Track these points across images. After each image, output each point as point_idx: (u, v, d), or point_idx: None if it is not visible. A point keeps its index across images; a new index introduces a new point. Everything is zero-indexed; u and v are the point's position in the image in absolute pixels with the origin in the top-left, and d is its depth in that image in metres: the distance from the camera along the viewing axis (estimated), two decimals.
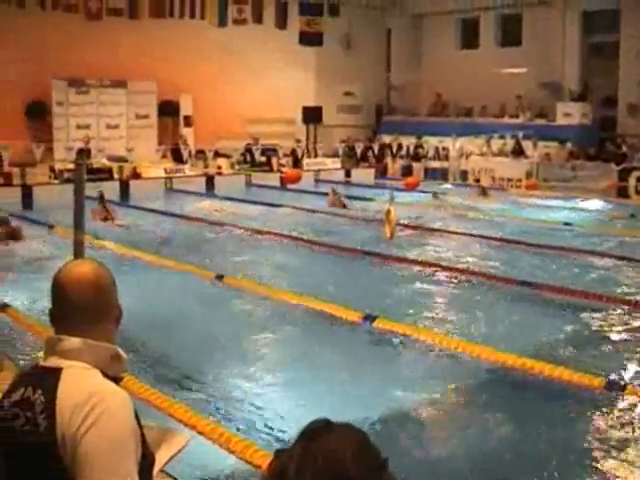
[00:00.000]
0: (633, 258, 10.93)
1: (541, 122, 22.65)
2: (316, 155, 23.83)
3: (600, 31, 23.08)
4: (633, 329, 7.72)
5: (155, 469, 2.19)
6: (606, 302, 8.50)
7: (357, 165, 23.56)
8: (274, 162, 22.02)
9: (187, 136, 22.05)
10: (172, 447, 2.39)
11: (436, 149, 23.48)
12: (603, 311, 8.23)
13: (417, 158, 23.55)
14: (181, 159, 21.11)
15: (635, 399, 5.79)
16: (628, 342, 7.35)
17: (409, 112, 26.17)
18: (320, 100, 24.83)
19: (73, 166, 8.53)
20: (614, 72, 22.25)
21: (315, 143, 24.43)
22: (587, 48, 23.46)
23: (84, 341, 2.09)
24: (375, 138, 25.57)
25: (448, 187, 20.78)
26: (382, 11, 26.80)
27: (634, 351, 7.11)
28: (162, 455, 2.31)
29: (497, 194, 19.05)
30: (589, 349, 7.19)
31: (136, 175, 19.26)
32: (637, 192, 18.74)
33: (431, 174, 22.56)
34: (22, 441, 1.99)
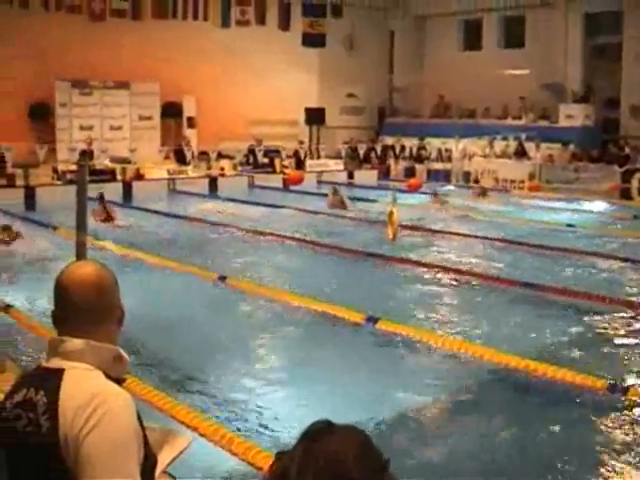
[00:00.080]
0: (636, 260, 10.92)
1: (544, 124, 22.65)
2: (319, 156, 23.82)
3: (603, 33, 23.08)
4: (636, 331, 7.71)
5: (157, 470, 2.19)
6: (609, 304, 8.48)
7: (360, 166, 23.54)
8: (277, 163, 22.00)
9: (190, 137, 22.06)
10: (174, 448, 2.39)
11: (439, 150, 23.47)
12: (606, 313, 8.22)
13: (420, 159, 23.55)
14: (184, 160, 21.11)
15: (638, 401, 5.78)
16: (631, 344, 7.34)
17: (412, 113, 26.17)
18: (323, 101, 24.83)
19: (76, 167, 8.51)
20: (617, 74, 22.24)
21: (318, 144, 24.41)
22: (590, 50, 23.44)
23: (86, 342, 2.09)
24: (378, 139, 25.54)
25: (451, 188, 20.76)
26: (385, 12, 26.80)
27: (637, 353, 7.11)
28: (164, 456, 2.31)
29: (499, 195, 19.03)
30: (592, 351, 7.17)
31: (139, 176, 19.27)
32: None
33: (434, 176, 22.53)
34: (24, 442, 1.99)
